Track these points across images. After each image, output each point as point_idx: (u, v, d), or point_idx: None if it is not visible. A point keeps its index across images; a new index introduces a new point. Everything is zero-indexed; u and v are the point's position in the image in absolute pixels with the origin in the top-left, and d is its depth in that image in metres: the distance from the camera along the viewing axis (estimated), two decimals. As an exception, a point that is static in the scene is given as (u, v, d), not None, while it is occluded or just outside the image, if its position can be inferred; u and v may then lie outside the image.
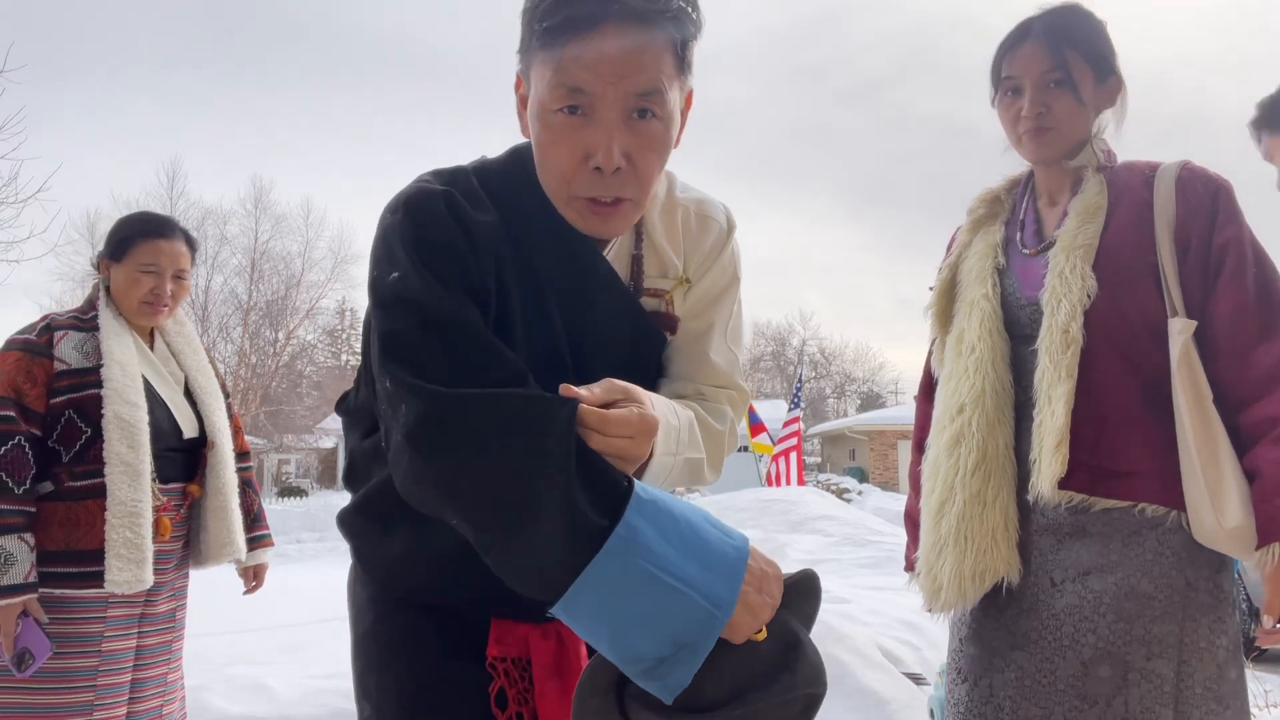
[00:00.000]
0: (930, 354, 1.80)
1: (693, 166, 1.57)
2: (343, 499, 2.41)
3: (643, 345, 1.18)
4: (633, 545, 0.86)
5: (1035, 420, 1.50)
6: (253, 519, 2.44)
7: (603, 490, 0.89)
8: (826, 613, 3.74)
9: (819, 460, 36.13)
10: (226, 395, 2.43)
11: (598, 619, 0.87)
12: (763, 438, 13.85)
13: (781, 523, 7.47)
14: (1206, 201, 1.51)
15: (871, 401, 45.65)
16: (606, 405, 0.94)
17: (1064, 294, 1.49)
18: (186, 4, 51.69)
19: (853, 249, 73.03)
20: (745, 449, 14.93)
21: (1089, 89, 1.56)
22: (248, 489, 2.43)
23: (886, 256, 71.65)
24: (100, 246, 2.34)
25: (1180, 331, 1.46)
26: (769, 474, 13.25)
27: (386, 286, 1.01)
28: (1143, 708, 1.41)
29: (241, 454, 2.44)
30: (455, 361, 0.96)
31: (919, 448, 1.79)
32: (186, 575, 2.29)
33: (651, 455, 0.98)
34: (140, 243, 2.21)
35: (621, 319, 1.14)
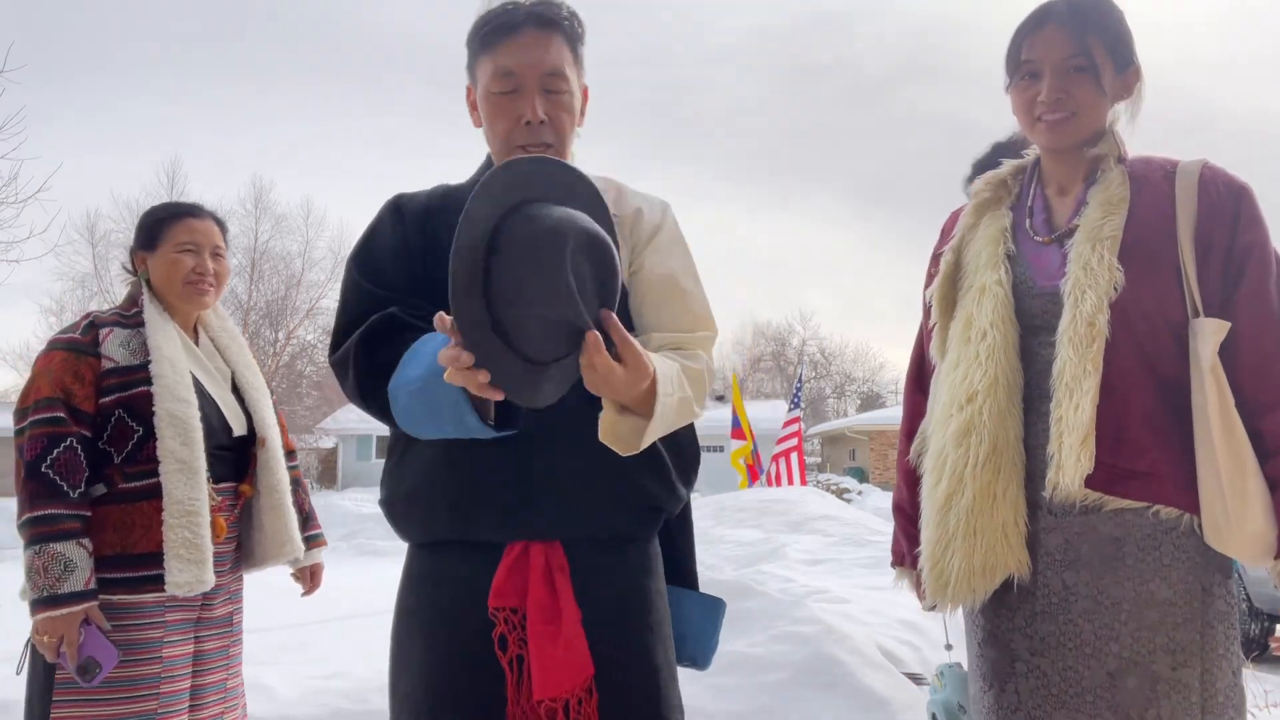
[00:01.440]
0: (922, 340, 1.75)
1: (697, 166, 1.64)
2: (343, 499, 2.41)
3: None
4: (395, 394, 1.30)
5: (1053, 414, 1.45)
6: (305, 518, 2.36)
7: (383, 374, 1.33)
8: (826, 613, 3.74)
9: (819, 460, 36.13)
10: (271, 393, 2.37)
11: (426, 429, 1.30)
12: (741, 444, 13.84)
13: (781, 523, 7.47)
14: (1229, 203, 1.49)
15: (871, 401, 45.63)
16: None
17: (1089, 284, 1.45)
18: (187, 4, 51.73)
19: (855, 249, 73.12)
20: (721, 449, 14.94)
21: (1109, 77, 1.53)
22: (297, 487, 2.37)
23: (889, 256, 71.69)
24: (99, 247, 2.33)
25: (1214, 332, 1.44)
26: (769, 474, 13.24)
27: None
28: (1173, 719, 1.40)
29: (289, 452, 2.38)
30: (342, 311, 1.46)
31: (909, 437, 1.74)
32: (241, 579, 2.23)
33: (656, 396, 1.27)
34: (172, 224, 2.17)
35: None
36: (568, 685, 1.34)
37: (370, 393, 1.35)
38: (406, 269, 1.45)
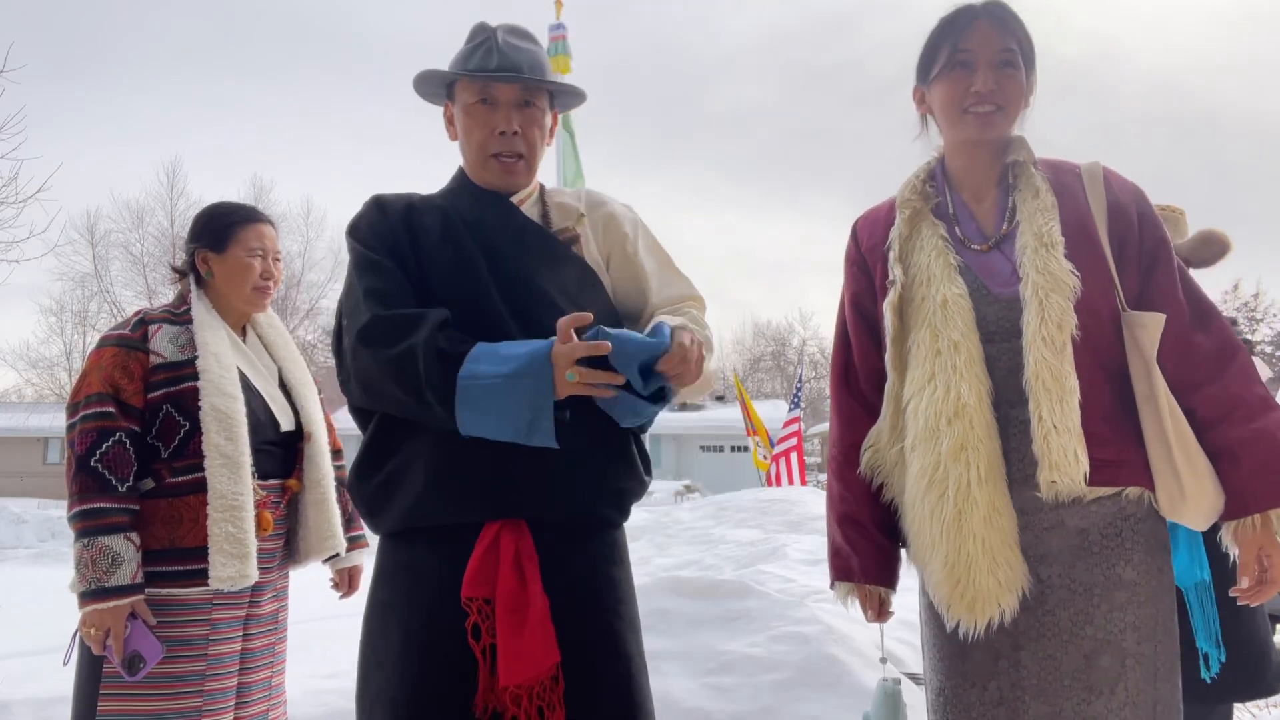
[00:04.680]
0: (850, 346, 1.74)
1: (703, 167, 1.66)
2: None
3: (573, 281, 1.59)
4: (472, 376, 1.39)
5: (1034, 416, 1.49)
6: (347, 518, 2.36)
7: (453, 355, 1.41)
8: (826, 613, 3.74)
9: (819, 460, 36.11)
10: (320, 391, 2.37)
11: (483, 423, 1.39)
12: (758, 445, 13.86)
13: (781, 523, 7.46)
14: (1131, 204, 1.61)
15: (871, 401, 45.52)
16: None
17: (1052, 288, 1.51)
18: (187, 4, 51.75)
19: (856, 249, 72.84)
20: (745, 449, 14.98)
21: (1024, 77, 1.63)
22: (341, 487, 2.37)
23: (888, 256, 71.44)
24: (99, 247, 2.34)
25: (1155, 325, 1.54)
26: (769, 475, 13.23)
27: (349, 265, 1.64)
28: (1138, 690, 1.48)
29: (335, 451, 2.39)
30: (375, 302, 1.50)
31: (855, 447, 1.70)
32: (287, 576, 2.24)
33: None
34: (244, 228, 2.18)
35: (537, 247, 1.59)
36: (532, 673, 1.39)
37: (436, 377, 1.40)
38: (393, 248, 1.57)
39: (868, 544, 1.67)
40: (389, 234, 1.58)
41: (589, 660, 1.44)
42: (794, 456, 13.01)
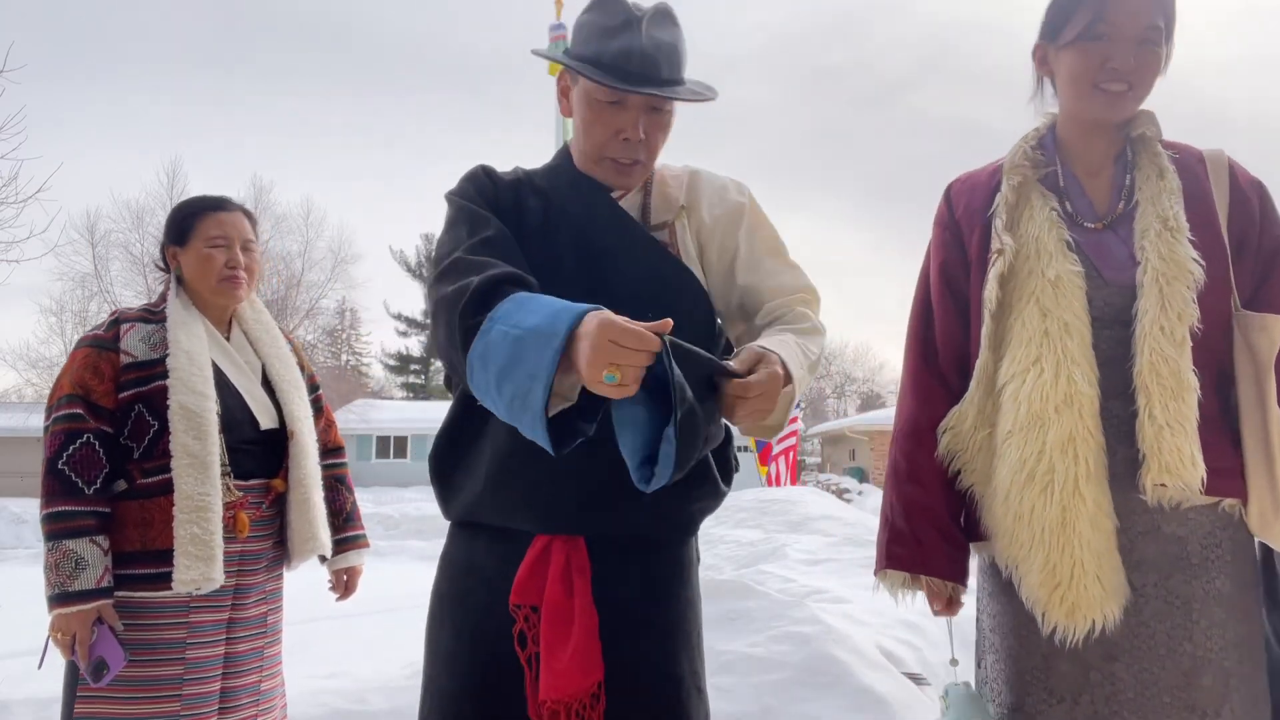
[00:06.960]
0: (930, 320, 1.60)
1: (709, 166, 1.62)
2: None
3: (663, 282, 1.46)
4: (495, 320, 1.19)
5: (1144, 413, 1.38)
6: (344, 518, 2.32)
7: (500, 289, 1.24)
8: (826, 613, 3.74)
9: (819, 460, 36.11)
10: (317, 388, 2.32)
11: (483, 382, 1.18)
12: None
13: (781, 523, 7.45)
14: (1254, 199, 1.49)
15: (871, 401, 45.63)
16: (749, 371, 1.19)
17: (1175, 276, 1.40)
18: (188, 4, 51.72)
19: (864, 249, 73.19)
20: (744, 449, 15.01)
21: (1166, 52, 1.48)
22: (340, 485, 2.33)
23: (895, 256, 71.68)
24: (99, 247, 2.31)
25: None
26: (769, 475, 13.23)
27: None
28: (1244, 713, 1.39)
29: (335, 449, 2.35)
30: (454, 245, 1.38)
31: (931, 429, 1.55)
32: (280, 577, 2.18)
33: (790, 379, 1.28)
34: (202, 218, 2.13)
35: (633, 246, 1.48)
36: (571, 689, 1.33)
37: (470, 309, 1.23)
38: (498, 214, 1.45)
39: (940, 537, 1.52)
40: (495, 201, 1.48)
41: (634, 680, 1.38)
42: (792, 456, 13.01)
